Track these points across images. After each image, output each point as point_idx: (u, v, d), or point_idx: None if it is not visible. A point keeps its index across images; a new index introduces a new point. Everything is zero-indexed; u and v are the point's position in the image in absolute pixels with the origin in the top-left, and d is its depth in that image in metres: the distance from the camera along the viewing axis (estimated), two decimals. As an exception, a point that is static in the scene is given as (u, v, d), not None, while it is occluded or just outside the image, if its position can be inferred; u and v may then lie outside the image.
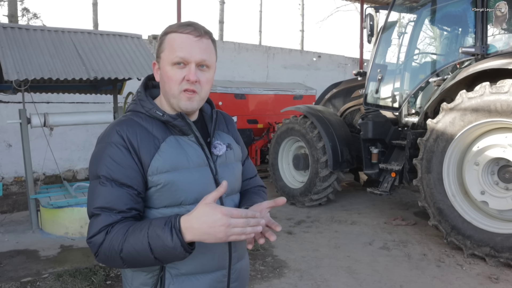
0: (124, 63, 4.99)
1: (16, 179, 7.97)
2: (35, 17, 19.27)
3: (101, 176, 1.17)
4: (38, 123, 4.89)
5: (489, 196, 4.03)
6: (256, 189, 1.51)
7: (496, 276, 3.65)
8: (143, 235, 1.08)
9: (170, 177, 1.21)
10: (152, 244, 1.07)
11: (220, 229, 1.03)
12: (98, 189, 1.17)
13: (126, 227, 1.12)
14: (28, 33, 5.01)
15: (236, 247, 1.34)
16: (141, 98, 1.29)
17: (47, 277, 3.66)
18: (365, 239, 4.70)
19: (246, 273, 1.45)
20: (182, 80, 1.20)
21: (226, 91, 7.93)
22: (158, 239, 1.06)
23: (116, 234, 1.11)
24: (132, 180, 1.17)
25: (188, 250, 1.08)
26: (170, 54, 1.21)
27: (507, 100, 3.72)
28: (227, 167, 1.34)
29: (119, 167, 1.17)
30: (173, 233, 1.05)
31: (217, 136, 1.36)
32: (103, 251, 1.12)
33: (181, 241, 1.05)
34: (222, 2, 18.87)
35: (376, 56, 5.59)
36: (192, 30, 1.21)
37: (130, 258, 1.10)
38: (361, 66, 11.44)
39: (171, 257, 1.09)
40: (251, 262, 4.02)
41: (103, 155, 1.19)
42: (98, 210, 1.15)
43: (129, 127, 1.22)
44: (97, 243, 1.12)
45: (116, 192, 1.15)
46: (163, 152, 1.21)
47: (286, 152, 6.62)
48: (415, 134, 4.80)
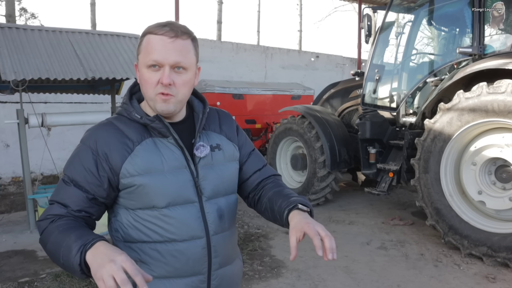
0: (122, 63, 4.98)
1: (14, 179, 7.95)
2: (33, 17, 19.29)
3: (66, 174, 1.24)
4: (35, 123, 4.88)
5: (486, 196, 4.04)
6: (270, 180, 1.44)
7: (493, 276, 3.66)
8: (66, 237, 1.09)
9: (142, 180, 1.20)
10: (62, 251, 1.08)
11: (105, 260, 0.97)
12: (61, 185, 1.24)
13: (67, 224, 1.15)
14: (25, 33, 5.00)
15: (218, 252, 1.30)
16: (125, 101, 1.30)
17: (44, 277, 3.66)
18: (363, 239, 4.71)
19: (234, 279, 1.41)
20: (157, 83, 1.19)
21: (224, 91, 7.93)
22: (68, 249, 1.06)
23: (56, 226, 1.15)
24: (90, 185, 1.20)
25: (84, 272, 1.04)
26: (145, 56, 1.19)
27: (504, 100, 3.74)
28: (211, 169, 1.30)
29: (83, 170, 1.21)
30: (78, 252, 1.03)
31: (204, 137, 1.33)
32: (43, 236, 1.17)
33: (80, 261, 1.02)
34: (220, 2, 18.86)
35: (373, 56, 5.60)
36: (167, 31, 1.18)
37: (50, 251, 1.14)
38: (359, 66, 11.46)
39: (72, 270, 1.07)
40: (249, 262, 4.02)
41: (75, 156, 1.25)
42: (53, 202, 1.22)
43: (105, 131, 1.25)
44: (41, 227, 1.19)
45: (72, 192, 1.20)
46: (136, 156, 1.22)
47: (284, 152, 6.63)
48: (412, 134, 4.81)
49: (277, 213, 1.29)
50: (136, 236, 1.24)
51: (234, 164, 1.39)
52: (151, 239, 1.23)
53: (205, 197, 1.28)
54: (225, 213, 1.33)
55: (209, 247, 1.28)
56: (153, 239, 1.23)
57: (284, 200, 1.28)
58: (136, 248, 1.25)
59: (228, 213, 1.35)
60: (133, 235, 1.25)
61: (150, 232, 1.23)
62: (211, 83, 7.94)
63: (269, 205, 1.34)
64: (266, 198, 1.37)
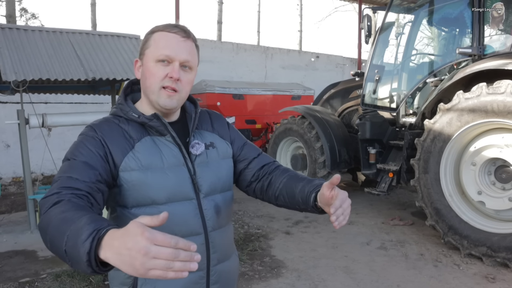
0: (122, 64, 5.00)
1: (15, 180, 7.96)
2: (33, 18, 19.31)
3: (71, 158, 1.16)
4: (36, 123, 4.89)
5: (486, 196, 4.04)
6: (273, 166, 1.45)
7: (492, 276, 3.66)
8: (76, 218, 0.90)
9: (142, 176, 1.21)
10: (68, 233, 0.87)
11: (136, 256, 0.75)
12: (65, 164, 1.15)
13: (78, 204, 1.00)
14: (26, 34, 5.01)
15: (216, 248, 1.32)
16: (120, 102, 1.31)
17: (45, 277, 3.67)
18: (363, 239, 4.71)
19: (232, 275, 1.43)
20: (165, 77, 1.22)
21: (224, 91, 7.93)
22: (77, 232, 0.85)
23: (65, 203, 0.99)
24: (97, 164, 1.15)
25: (91, 264, 0.82)
26: (156, 51, 1.22)
27: (503, 100, 3.74)
28: (207, 167, 1.33)
29: (90, 152, 1.17)
30: (90, 237, 0.82)
31: (197, 136, 1.36)
32: (49, 212, 0.99)
33: (90, 249, 0.81)
34: (220, 3, 18.88)
35: (373, 57, 5.61)
36: (179, 30, 1.24)
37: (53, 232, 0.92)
38: (359, 66, 11.47)
39: (76, 261, 0.85)
40: (249, 262, 4.03)
41: (79, 143, 1.20)
42: (60, 177, 1.11)
43: (105, 125, 1.25)
44: (47, 203, 1.01)
45: (81, 167, 1.13)
46: (137, 151, 1.23)
47: (284, 152, 6.63)
48: (412, 135, 4.82)
49: (300, 196, 1.29)
50: None
51: (228, 161, 1.42)
52: None
53: (203, 194, 1.30)
54: (222, 209, 1.36)
55: (207, 243, 1.30)
56: None
57: (307, 184, 1.30)
58: None
59: (224, 209, 1.37)
60: None
61: None
62: (211, 83, 7.94)
63: (286, 190, 1.35)
64: (281, 184, 1.37)
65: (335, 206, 1.11)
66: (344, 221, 1.12)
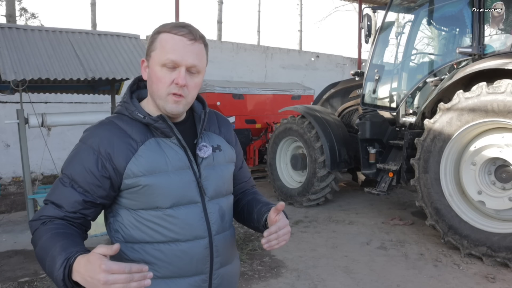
0: (122, 63, 4.99)
1: (14, 179, 7.96)
2: (33, 17, 19.32)
3: (64, 173, 1.21)
4: (36, 123, 4.88)
5: (486, 196, 4.04)
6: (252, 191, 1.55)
7: (492, 276, 3.66)
8: (52, 246, 1.07)
9: (147, 181, 1.19)
10: (47, 261, 1.06)
11: (98, 284, 0.93)
12: (57, 184, 1.22)
13: (56, 229, 1.13)
14: (26, 33, 5.00)
15: (219, 252, 1.31)
16: (125, 100, 1.28)
17: (44, 277, 3.67)
18: (363, 239, 4.71)
19: (233, 278, 1.43)
20: (171, 83, 1.19)
21: (224, 91, 7.92)
22: (53, 260, 1.04)
23: (45, 230, 1.13)
24: (89, 185, 1.18)
25: (67, 286, 1.01)
26: (162, 55, 1.18)
27: (503, 100, 3.74)
28: (213, 170, 1.31)
29: (83, 170, 1.19)
30: (62, 266, 1.01)
31: (205, 138, 1.33)
32: (33, 238, 1.16)
33: (63, 276, 1.00)
34: (220, 2, 18.87)
35: (373, 56, 5.60)
36: (186, 32, 1.19)
37: (38, 256, 1.12)
38: (359, 66, 11.46)
39: (56, 283, 1.04)
40: (248, 262, 4.02)
41: (75, 155, 1.22)
42: (48, 202, 1.20)
43: (108, 131, 1.22)
44: (33, 227, 1.18)
45: (69, 193, 1.18)
46: (140, 156, 1.20)
47: (284, 152, 6.63)
48: (412, 134, 4.81)
49: (256, 214, 1.39)
50: (138, 237, 1.23)
51: (232, 165, 1.41)
52: (154, 239, 1.23)
53: (208, 197, 1.29)
54: (226, 213, 1.35)
55: (211, 247, 1.29)
56: (156, 239, 1.23)
57: (264, 206, 1.39)
58: (138, 248, 1.24)
59: (228, 213, 1.37)
60: (135, 236, 1.23)
61: (153, 233, 1.23)
62: (211, 83, 7.93)
63: (247, 207, 1.45)
64: (245, 201, 1.47)
65: (270, 231, 1.20)
66: (276, 245, 1.21)
